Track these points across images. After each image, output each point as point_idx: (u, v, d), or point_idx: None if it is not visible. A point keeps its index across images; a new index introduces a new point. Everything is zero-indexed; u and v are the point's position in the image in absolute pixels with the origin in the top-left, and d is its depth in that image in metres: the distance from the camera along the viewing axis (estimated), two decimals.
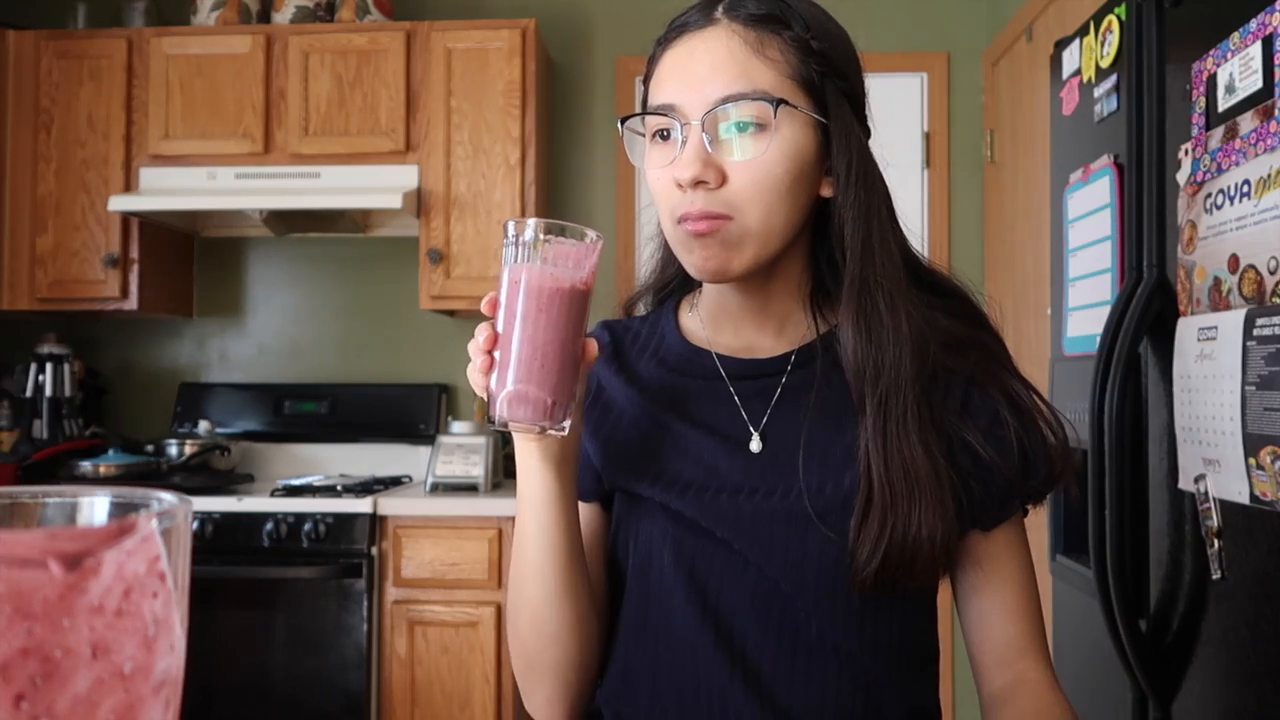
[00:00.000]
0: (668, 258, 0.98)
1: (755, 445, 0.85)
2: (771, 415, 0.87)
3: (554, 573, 0.82)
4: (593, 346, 0.77)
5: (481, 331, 0.75)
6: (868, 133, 0.87)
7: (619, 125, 0.87)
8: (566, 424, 0.76)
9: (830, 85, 0.81)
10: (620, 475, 0.87)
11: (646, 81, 0.87)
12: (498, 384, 0.74)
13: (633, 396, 0.89)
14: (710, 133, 0.79)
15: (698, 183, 0.78)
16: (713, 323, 0.92)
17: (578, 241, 0.74)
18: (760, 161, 0.78)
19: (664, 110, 0.81)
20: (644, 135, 0.86)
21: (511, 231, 0.75)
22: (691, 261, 0.82)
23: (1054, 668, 0.88)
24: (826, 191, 0.84)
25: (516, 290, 0.74)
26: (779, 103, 0.78)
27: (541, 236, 0.74)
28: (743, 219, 0.79)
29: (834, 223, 0.83)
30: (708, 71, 0.79)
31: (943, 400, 0.84)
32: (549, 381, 0.74)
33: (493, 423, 0.75)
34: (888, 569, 0.78)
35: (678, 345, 0.92)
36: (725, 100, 0.78)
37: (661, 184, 0.82)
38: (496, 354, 0.75)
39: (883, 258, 0.82)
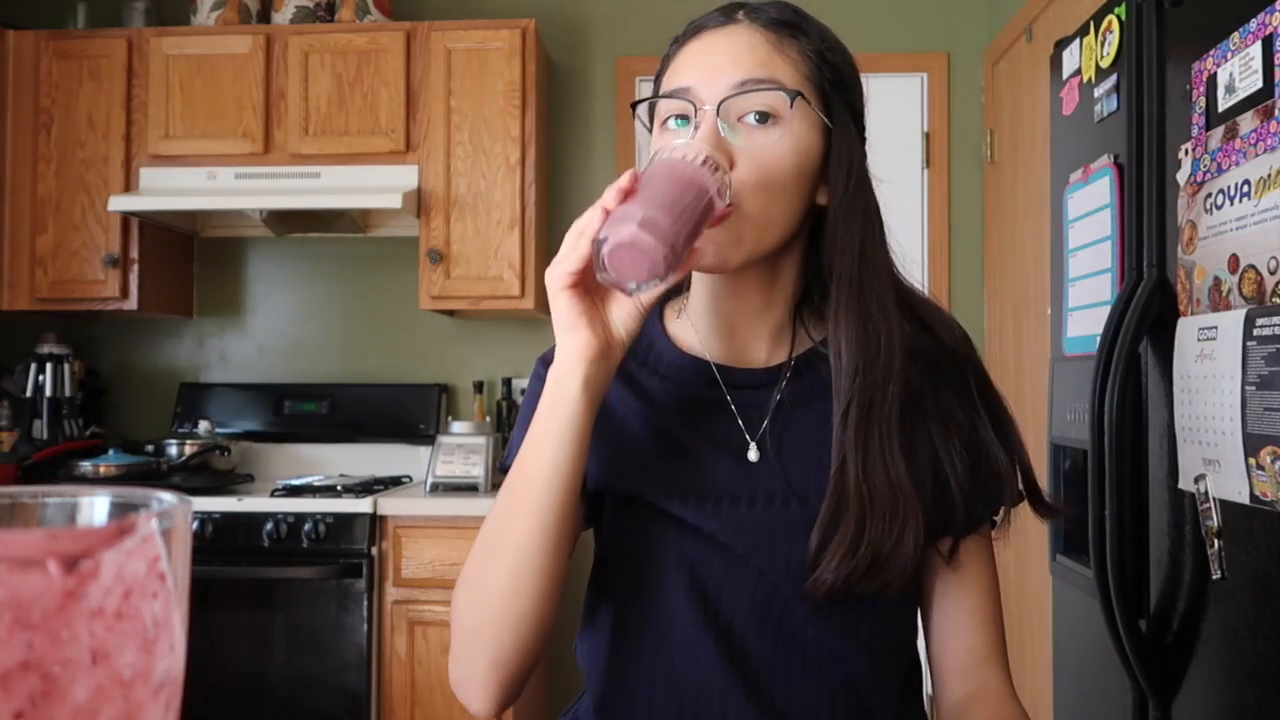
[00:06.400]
0: None
1: (753, 455, 0.86)
2: (769, 426, 0.87)
3: (554, 515, 0.77)
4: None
5: (626, 177, 0.72)
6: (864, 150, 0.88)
7: (632, 110, 0.87)
8: (669, 277, 0.70)
9: (837, 97, 0.83)
10: (619, 480, 0.86)
11: (658, 78, 0.87)
12: (625, 213, 0.68)
13: (630, 403, 0.89)
14: (725, 119, 0.79)
15: None
16: (706, 328, 0.90)
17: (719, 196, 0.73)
18: (769, 153, 0.79)
19: (680, 94, 0.81)
20: (650, 126, 0.86)
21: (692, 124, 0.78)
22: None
23: (1013, 677, 0.90)
24: (823, 200, 0.84)
25: (674, 151, 0.73)
26: (796, 94, 0.79)
27: (705, 156, 0.73)
28: (743, 208, 0.78)
29: (828, 231, 0.83)
30: (728, 60, 0.80)
31: (914, 418, 0.84)
32: (682, 219, 0.69)
33: (599, 265, 0.70)
34: (854, 576, 0.78)
35: (670, 354, 0.91)
36: (744, 85, 0.79)
37: None
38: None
39: (877, 266, 0.83)
